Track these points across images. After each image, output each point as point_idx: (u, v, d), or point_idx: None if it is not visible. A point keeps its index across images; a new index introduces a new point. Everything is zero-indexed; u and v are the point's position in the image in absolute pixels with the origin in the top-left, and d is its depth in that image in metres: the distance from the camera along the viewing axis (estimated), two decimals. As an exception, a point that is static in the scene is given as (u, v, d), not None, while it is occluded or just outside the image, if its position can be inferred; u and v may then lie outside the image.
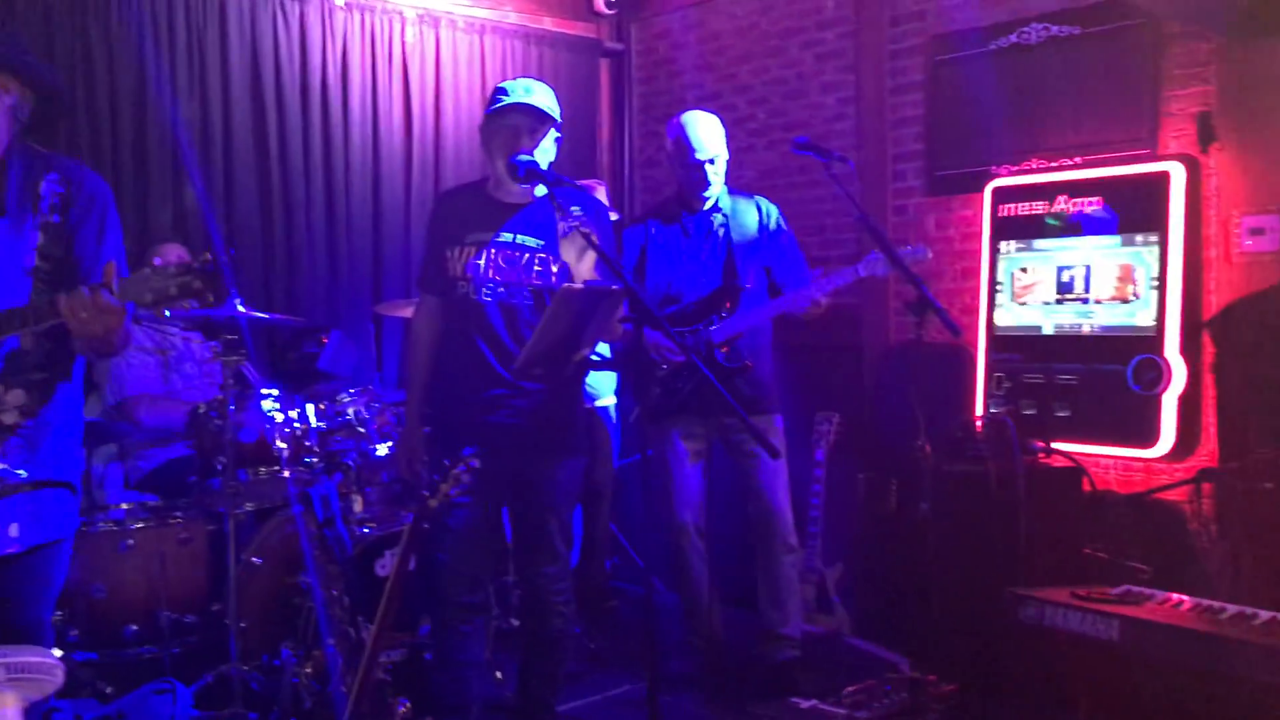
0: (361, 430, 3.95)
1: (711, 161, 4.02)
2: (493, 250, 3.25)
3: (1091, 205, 4.37)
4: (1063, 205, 4.46)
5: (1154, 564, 3.85)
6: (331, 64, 5.26)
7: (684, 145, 4.03)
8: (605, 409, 4.97)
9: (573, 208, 3.06)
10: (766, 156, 5.68)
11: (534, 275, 3.24)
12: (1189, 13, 4.00)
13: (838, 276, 3.87)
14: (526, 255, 3.25)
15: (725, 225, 4.11)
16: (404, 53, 5.50)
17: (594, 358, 3.78)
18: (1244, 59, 3.99)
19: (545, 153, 3.22)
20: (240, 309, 3.75)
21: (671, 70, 6.21)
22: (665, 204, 4.25)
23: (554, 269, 3.23)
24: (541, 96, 3.22)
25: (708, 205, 4.12)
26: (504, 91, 3.22)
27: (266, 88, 5.08)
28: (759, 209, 4.17)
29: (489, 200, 3.32)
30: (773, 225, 4.16)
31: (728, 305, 3.99)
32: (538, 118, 3.20)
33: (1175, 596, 3.02)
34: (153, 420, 4.16)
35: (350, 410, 3.97)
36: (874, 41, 5.23)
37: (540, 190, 3.21)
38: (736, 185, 4.36)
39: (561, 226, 3.06)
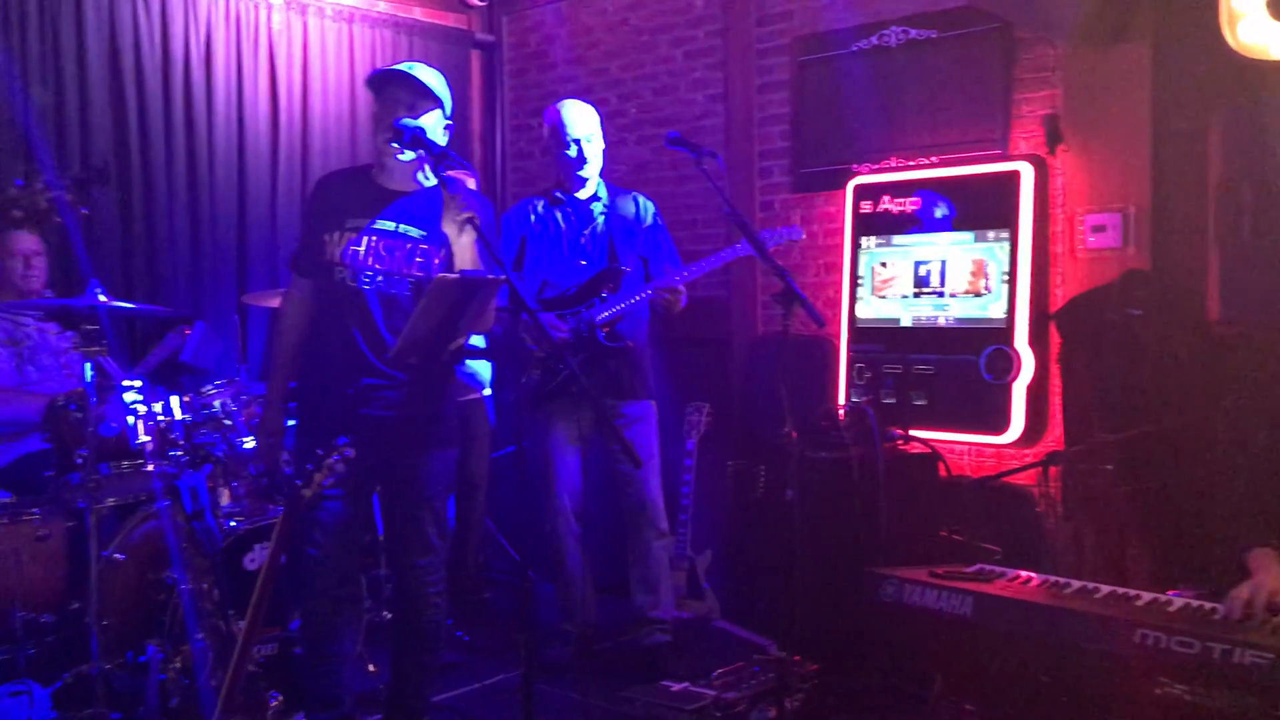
0: (228, 423, 3.88)
1: (589, 140, 4.12)
2: (373, 237, 3.21)
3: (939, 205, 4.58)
4: (912, 203, 4.66)
5: (1006, 544, 4.05)
6: (195, 50, 5.13)
7: (560, 127, 4.13)
8: (484, 399, 4.98)
9: (458, 183, 3.07)
10: (638, 151, 5.75)
11: (415, 266, 3.21)
12: (1035, 19, 4.21)
13: (711, 259, 4.01)
14: (408, 245, 3.22)
15: (606, 214, 4.20)
16: (270, 39, 5.39)
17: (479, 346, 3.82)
18: (1087, 64, 4.21)
19: (433, 134, 3.21)
20: (101, 298, 3.64)
21: (544, 63, 6.23)
22: (545, 192, 4.31)
23: (435, 260, 3.23)
24: (424, 74, 3.22)
25: (587, 192, 4.20)
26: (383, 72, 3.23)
27: (126, 74, 4.92)
28: (636, 204, 4.27)
29: (371, 186, 3.28)
30: (649, 221, 4.26)
31: (609, 287, 4.07)
32: (417, 91, 3.19)
33: (1025, 574, 3.17)
34: (4, 414, 4.00)
35: (216, 403, 3.90)
36: (742, 40, 5.35)
37: (423, 176, 3.21)
38: (609, 179, 4.44)
39: (450, 206, 3.05)
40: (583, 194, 4.23)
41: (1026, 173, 4.36)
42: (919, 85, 4.77)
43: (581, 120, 4.16)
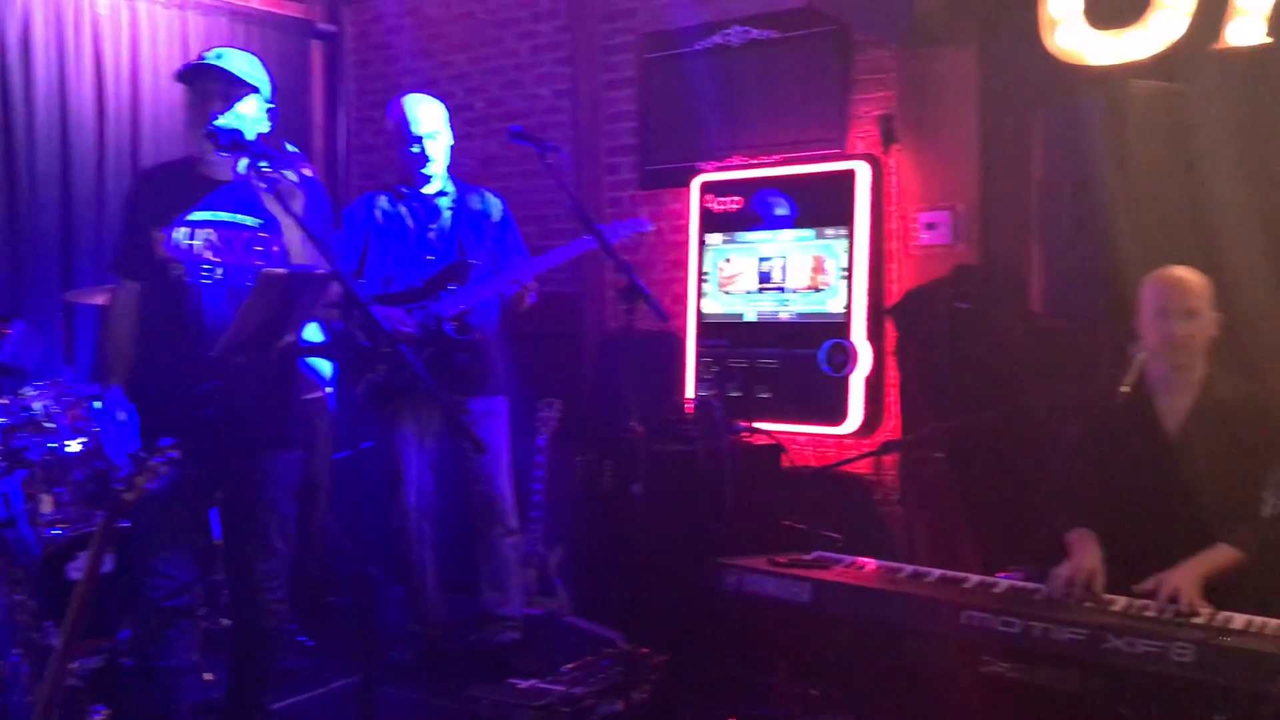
0: (50, 425, 3.70)
1: (433, 137, 4.07)
2: (208, 230, 3.09)
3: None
4: (755, 201, 4.75)
5: (847, 531, 4.16)
6: (12, 34, 4.86)
7: (403, 123, 4.06)
8: (327, 398, 4.86)
9: (284, 172, 2.98)
10: (486, 145, 5.70)
11: (255, 255, 3.11)
12: (868, 21, 4.33)
13: (557, 253, 3.99)
14: (245, 234, 3.12)
15: (453, 209, 4.14)
16: (95, 26, 5.15)
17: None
18: (918, 66, 4.36)
19: (254, 122, 3.10)
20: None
21: (388, 55, 6.12)
22: (390, 187, 4.23)
23: (275, 249, 3.13)
24: (236, 61, 3.10)
25: (433, 188, 4.14)
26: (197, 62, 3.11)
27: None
28: (484, 200, 4.23)
29: (198, 177, 3.15)
30: (498, 217, 4.22)
31: (457, 280, 4.02)
32: (228, 81, 3.08)
33: (862, 560, 3.26)
34: None
35: (37, 404, 3.71)
36: (587, 36, 5.36)
37: (243, 165, 3.11)
38: (457, 174, 4.39)
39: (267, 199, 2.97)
40: (428, 189, 4.17)
41: (863, 172, 4.49)
42: (761, 84, 4.86)
43: (426, 116, 4.10)
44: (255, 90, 3.12)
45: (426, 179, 4.13)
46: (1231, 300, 3.29)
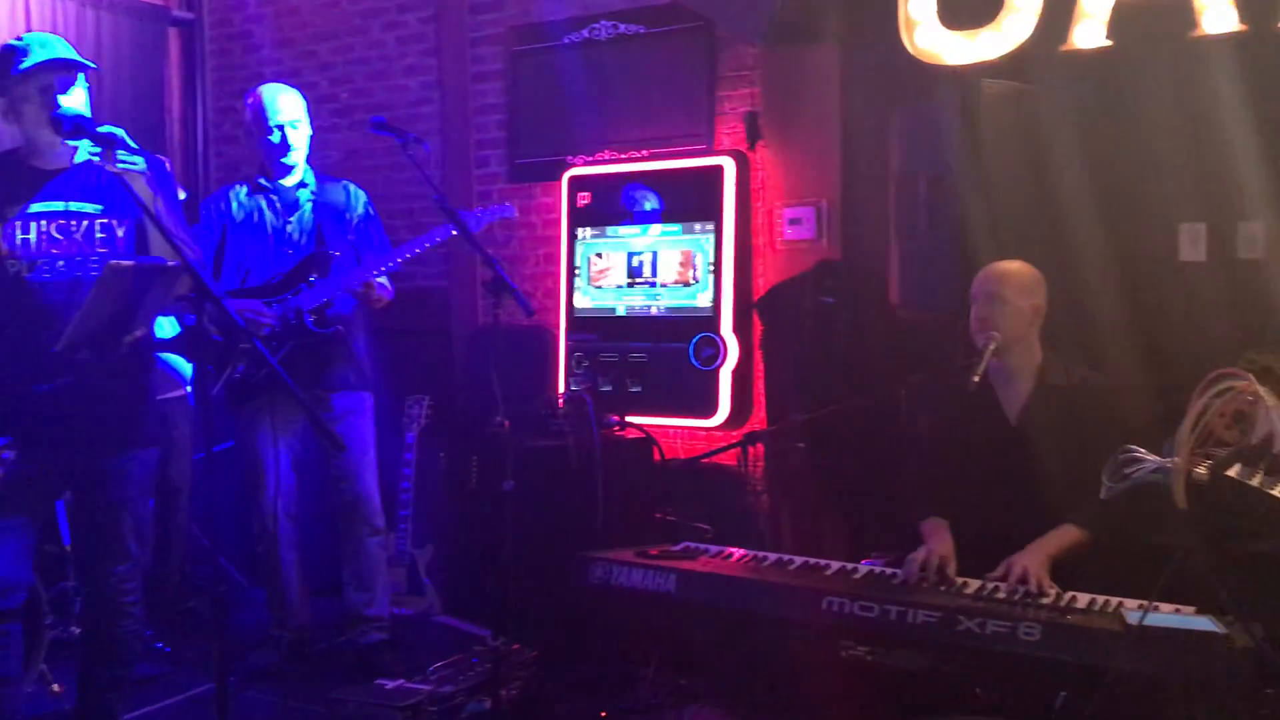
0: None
1: (293, 126, 3.98)
2: (43, 222, 2.97)
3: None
4: (624, 196, 4.77)
5: (716, 522, 4.21)
6: None
7: (261, 111, 3.98)
8: (187, 396, 4.70)
9: (129, 160, 2.87)
10: (351, 138, 5.59)
11: (98, 244, 2.99)
12: (732, 19, 4.38)
13: (413, 244, 3.94)
14: (85, 223, 3.00)
15: (313, 200, 4.06)
16: (-70, 6, 4.89)
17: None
18: (782, 64, 4.43)
19: (80, 104, 2.99)
20: None
21: (248, 44, 5.95)
22: (249, 179, 4.14)
23: (119, 233, 3.01)
24: (63, 47, 3.00)
25: (293, 180, 4.04)
26: (23, 51, 2.96)
27: None
28: (347, 192, 4.14)
29: (26, 169, 3.02)
30: (360, 210, 4.14)
31: (317, 272, 3.94)
32: (68, 67, 2.97)
33: (729, 550, 3.30)
34: None
35: None
36: (454, 28, 5.30)
37: (83, 154, 2.99)
38: (321, 167, 4.30)
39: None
40: (288, 181, 4.07)
41: (729, 168, 4.54)
42: (630, 79, 4.88)
43: (285, 105, 4.01)
44: (84, 69, 3.02)
45: (287, 169, 4.03)
46: (1075, 290, 3.43)
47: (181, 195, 3.74)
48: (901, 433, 3.47)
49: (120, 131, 2.87)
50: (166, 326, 4.28)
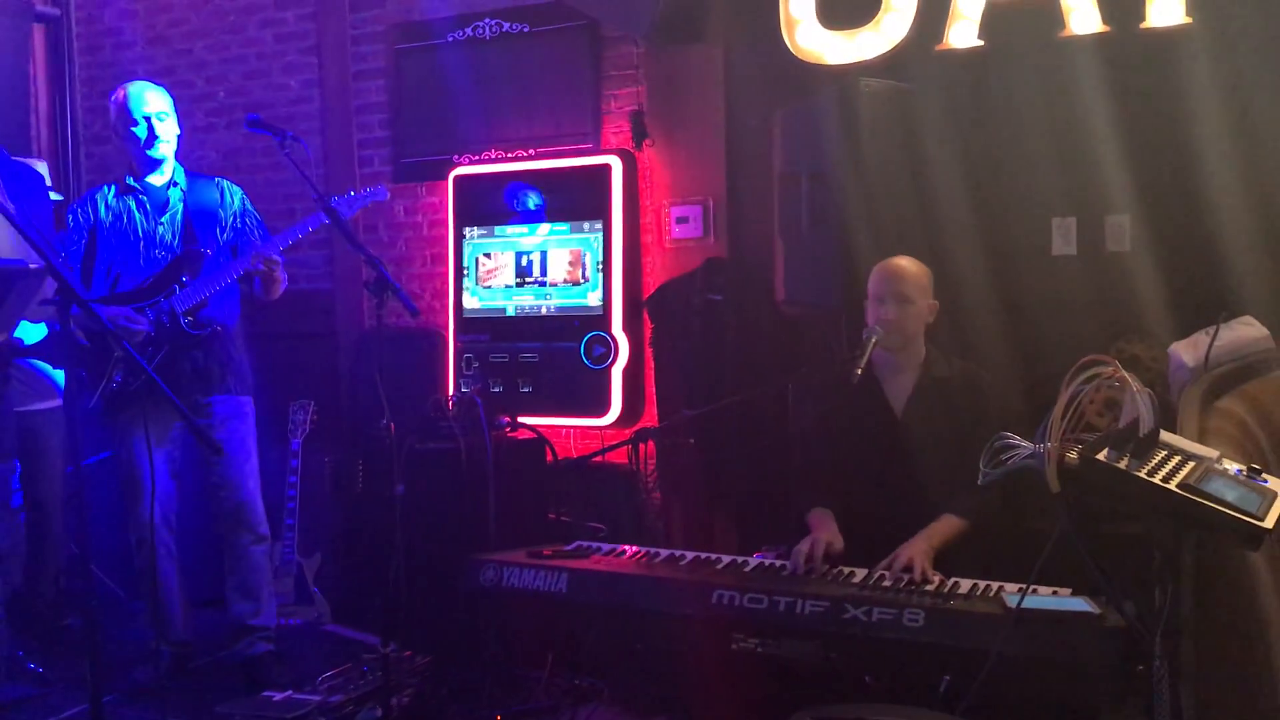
0: None
1: (160, 118, 3.87)
2: None
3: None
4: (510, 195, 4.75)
5: (610, 521, 4.22)
6: None
7: (125, 106, 3.87)
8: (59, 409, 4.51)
9: None
10: (228, 137, 5.45)
11: None
12: (615, 17, 4.39)
13: (299, 226, 3.83)
14: None
15: (184, 200, 3.93)
16: None
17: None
18: (667, 63, 4.45)
19: None
20: None
21: (119, 41, 5.76)
22: (118, 180, 3.99)
23: None
24: None
25: (163, 178, 3.92)
26: None
27: None
28: (221, 190, 4.03)
29: None
30: (236, 206, 4.02)
31: (189, 272, 3.82)
32: None
33: (621, 547, 3.30)
34: None
35: None
36: (335, 26, 5.21)
37: None
38: (198, 167, 4.20)
39: None
40: (157, 180, 3.94)
41: (616, 167, 4.55)
42: (515, 78, 4.85)
43: (151, 98, 3.88)
44: None
45: (154, 163, 3.90)
46: (952, 284, 3.52)
47: (56, 197, 3.60)
48: (788, 427, 3.51)
49: None
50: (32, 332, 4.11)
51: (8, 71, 5.45)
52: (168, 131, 3.91)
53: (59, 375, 4.37)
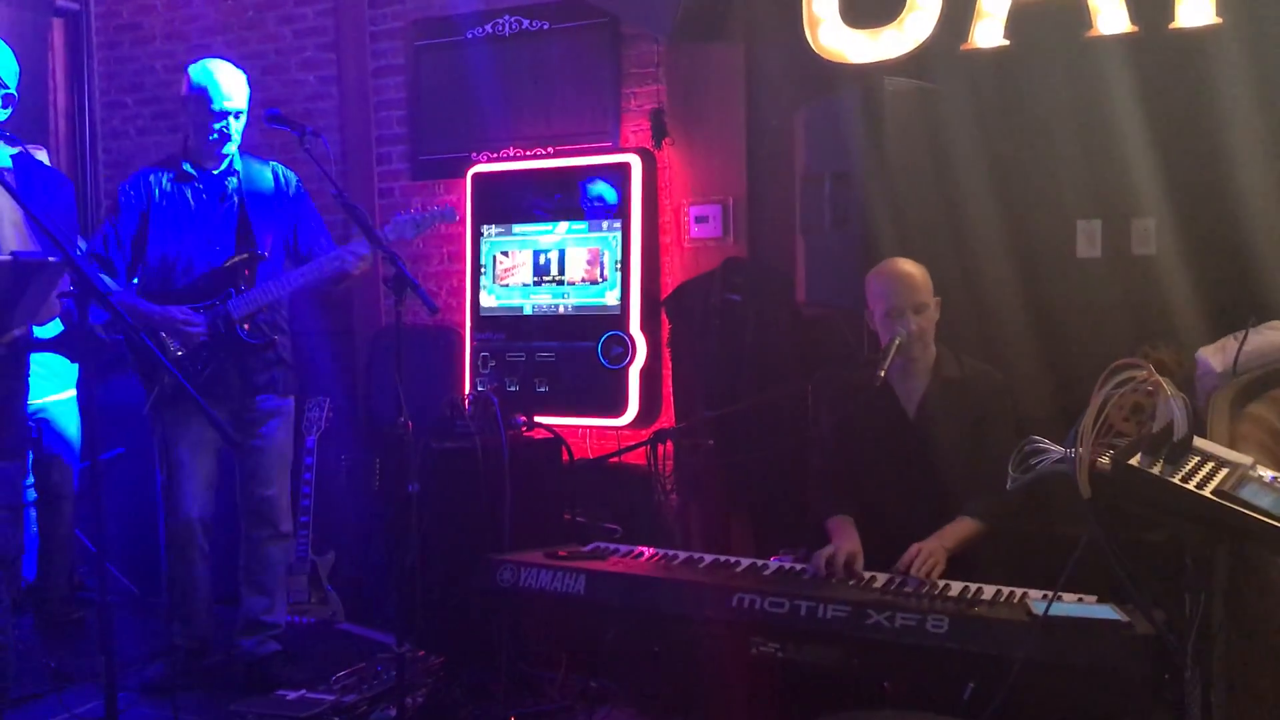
0: None
1: (237, 115, 3.76)
2: None
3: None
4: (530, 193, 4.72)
5: (626, 522, 4.18)
6: None
7: (206, 97, 3.73)
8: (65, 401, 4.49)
9: None
10: (245, 132, 5.37)
11: None
12: (636, 15, 4.36)
13: (363, 242, 3.79)
14: None
15: (240, 190, 3.83)
16: None
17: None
18: (687, 62, 4.42)
19: None
20: None
21: (138, 36, 5.75)
22: (170, 163, 3.86)
23: None
24: None
25: (222, 166, 3.83)
26: None
27: None
28: (276, 175, 3.93)
29: None
30: (293, 191, 3.96)
31: (246, 275, 3.76)
32: None
33: (638, 549, 3.27)
34: None
35: None
36: (354, 21, 5.19)
37: None
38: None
39: None
40: (215, 167, 3.83)
41: (636, 165, 4.51)
42: (534, 76, 4.82)
43: (232, 88, 3.75)
44: None
45: (221, 159, 3.81)
46: (975, 287, 3.48)
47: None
48: (807, 430, 3.47)
49: None
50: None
51: (27, 65, 5.43)
52: (238, 130, 3.80)
53: (72, 368, 4.37)
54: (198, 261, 3.79)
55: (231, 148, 3.83)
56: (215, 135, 3.76)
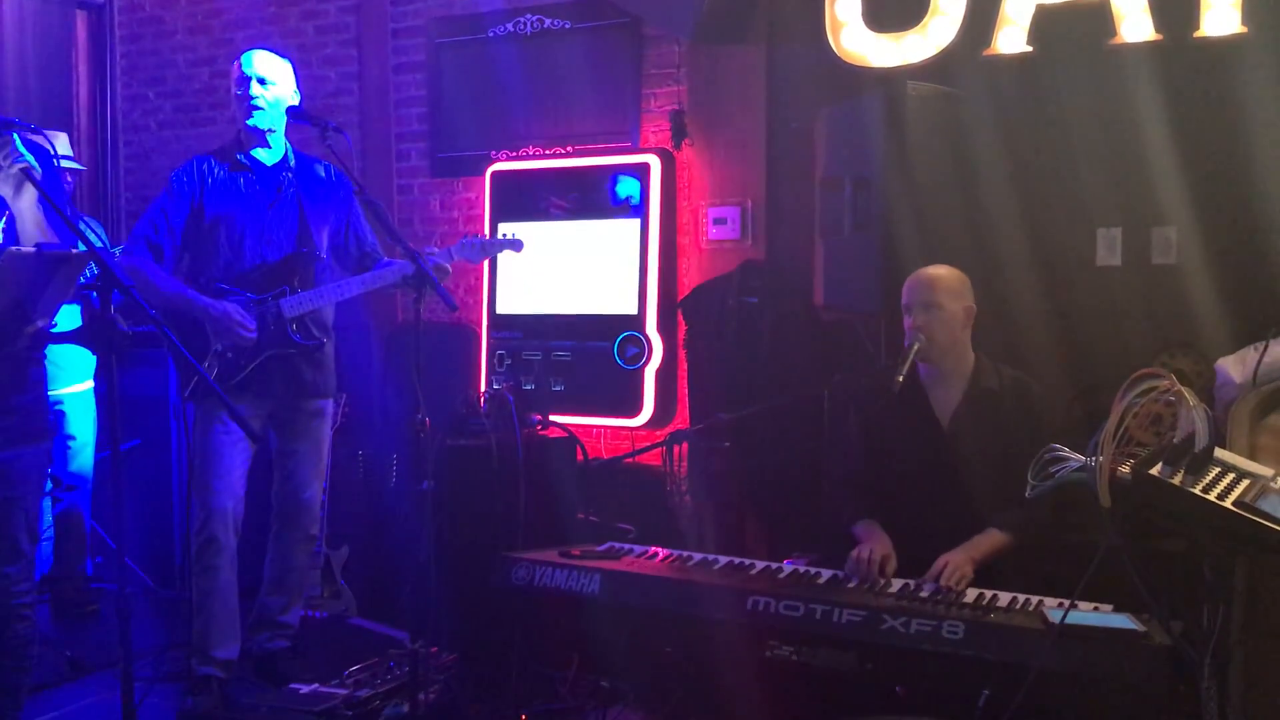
0: None
1: (262, 81, 3.66)
2: None
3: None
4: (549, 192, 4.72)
5: (640, 522, 4.17)
6: None
7: (239, 65, 3.69)
8: (79, 395, 4.51)
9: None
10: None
11: None
12: (658, 16, 4.36)
13: (442, 253, 3.77)
14: None
15: (295, 185, 3.76)
16: None
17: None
18: (708, 63, 4.42)
19: None
20: None
21: (161, 30, 5.78)
22: (223, 153, 3.78)
23: (0, 223, 2.86)
24: None
25: (274, 156, 3.76)
26: None
27: None
28: (328, 170, 3.87)
29: None
30: (344, 188, 3.92)
31: (300, 275, 3.71)
32: None
33: (653, 549, 3.27)
34: None
35: None
36: (376, 18, 5.21)
37: None
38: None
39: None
40: (269, 159, 3.77)
41: (655, 166, 4.52)
42: (555, 75, 4.83)
43: (260, 59, 3.71)
44: None
45: (259, 135, 3.71)
46: (995, 293, 3.47)
47: (72, 164, 3.49)
48: (825, 433, 3.47)
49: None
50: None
51: (51, 58, 5.48)
52: (268, 98, 3.67)
53: (88, 360, 4.39)
54: (249, 254, 3.69)
55: (264, 120, 3.70)
56: (243, 98, 3.67)
